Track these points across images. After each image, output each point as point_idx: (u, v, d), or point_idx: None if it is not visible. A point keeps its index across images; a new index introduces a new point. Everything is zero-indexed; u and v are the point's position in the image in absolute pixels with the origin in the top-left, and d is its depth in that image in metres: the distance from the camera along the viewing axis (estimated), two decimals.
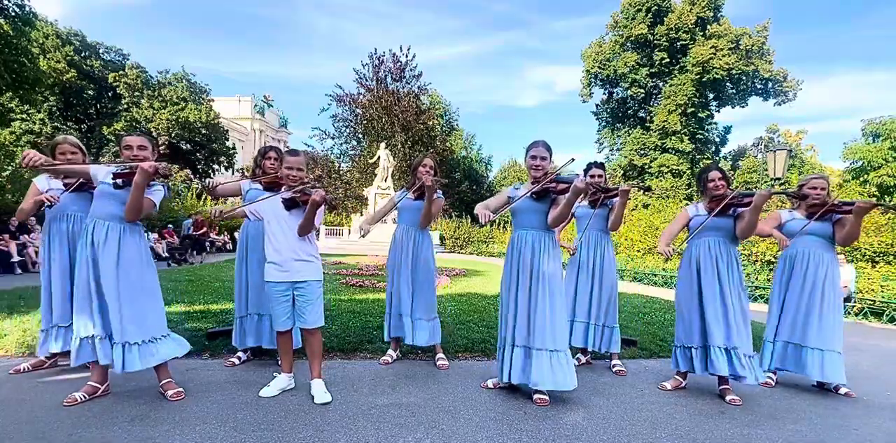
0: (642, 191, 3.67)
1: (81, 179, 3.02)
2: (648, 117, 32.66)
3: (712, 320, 3.06)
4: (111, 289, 2.54)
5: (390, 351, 3.62)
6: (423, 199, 3.43)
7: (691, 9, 30.19)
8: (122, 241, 2.62)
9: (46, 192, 3.03)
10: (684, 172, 30.12)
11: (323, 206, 2.70)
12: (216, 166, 33.74)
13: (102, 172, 2.66)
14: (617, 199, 3.47)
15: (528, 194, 2.89)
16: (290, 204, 2.75)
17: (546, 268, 2.87)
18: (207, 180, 3.46)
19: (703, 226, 3.13)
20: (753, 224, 3.01)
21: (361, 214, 24.05)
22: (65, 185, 3.04)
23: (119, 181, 2.60)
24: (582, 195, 3.64)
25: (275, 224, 2.76)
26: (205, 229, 13.38)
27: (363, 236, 3.72)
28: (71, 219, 3.06)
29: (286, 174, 2.78)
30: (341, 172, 30.09)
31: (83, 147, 3.12)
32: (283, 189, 2.84)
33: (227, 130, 35.92)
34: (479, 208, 2.96)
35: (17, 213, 3.10)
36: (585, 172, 3.69)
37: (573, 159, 2.81)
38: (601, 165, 3.74)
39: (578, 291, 3.67)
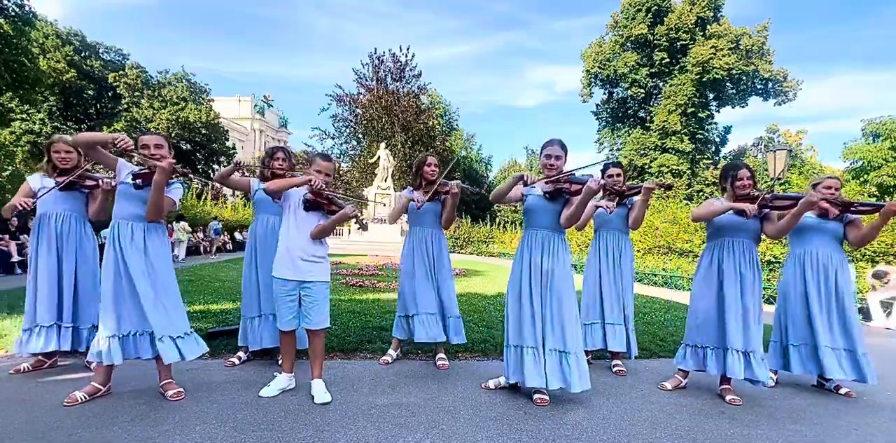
0: (665, 189, 3.63)
1: (72, 178, 3.01)
2: (648, 117, 32.65)
3: (732, 323, 3.00)
4: (144, 287, 2.59)
5: (390, 351, 3.62)
6: (435, 200, 3.47)
7: (691, 9, 30.18)
8: (147, 240, 2.66)
9: (38, 190, 3.03)
10: (684, 172, 30.10)
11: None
12: (216, 166, 33.72)
13: (125, 171, 2.68)
14: (637, 197, 3.45)
15: (542, 194, 2.88)
16: (309, 205, 2.76)
17: (555, 268, 2.86)
18: (242, 163, 3.58)
19: (729, 225, 3.10)
20: (789, 230, 3.02)
21: (361, 215, 24.04)
22: (56, 183, 3.01)
23: (139, 181, 2.62)
24: (599, 195, 3.66)
25: (290, 220, 2.78)
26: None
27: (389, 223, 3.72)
28: (60, 218, 3.06)
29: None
30: (341, 172, 30.09)
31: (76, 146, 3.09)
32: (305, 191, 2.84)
33: (227, 130, 35.92)
34: (512, 179, 2.89)
35: (2, 210, 3.05)
36: (603, 171, 3.66)
37: (608, 159, 2.80)
38: (619, 165, 3.69)
39: (603, 292, 3.61)
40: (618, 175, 3.60)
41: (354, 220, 2.76)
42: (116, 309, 2.58)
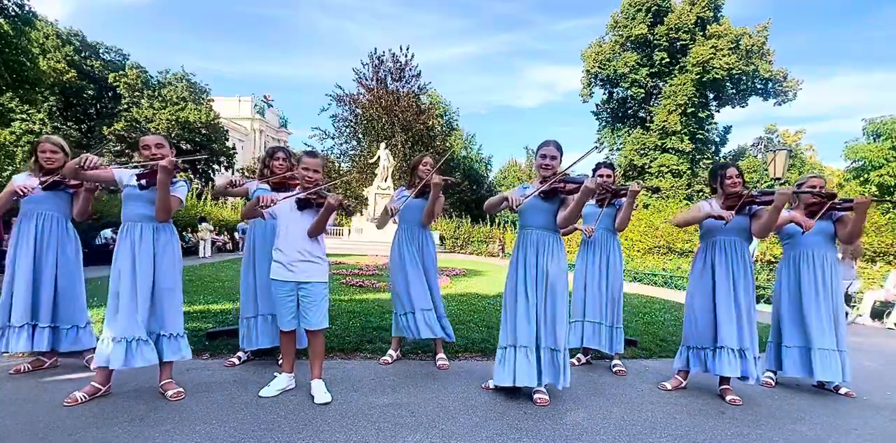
0: (651, 192, 3.65)
1: (56, 177, 2.99)
2: (648, 117, 32.64)
3: (724, 322, 3.03)
4: (148, 289, 2.62)
5: (390, 351, 3.62)
6: (423, 197, 3.45)
7: (691, 9, 30.17)
8: (156, 240, 2.69)
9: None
10: (684, 172, 30.10)
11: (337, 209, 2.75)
12: (216, 166, 33.75)
13: (126, 175, 2.70)
14: (625, 198, 3.47)
15: (537, 194, 2.85)
16: (303, 205, 2.77)
17: (550, 268, 2.86)
18: (235, 177, 3.61)
19: (717, 226, 3.12)
20: (772, 225, 3.01)
21: (361, 215, 24.05)
22: (40, 182, 2.97)
23: (143, 182, 2.64)
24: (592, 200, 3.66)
25: (285, 223, 2.78)
26: None
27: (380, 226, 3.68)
28: (42, 217, 3.03)
29: (302, 175, 2.80)
30: (341, 172, 30.07)
31: (65, 147, 3.08)
32: (296, 189, 2.86)
33: (227, 130, 35.93)
34: (499, 198, 2.93)
35: None
36: (594, 171, 3.69)
37: (596, 147, 2.78)
38: (610, 165, 3.74)
39: (588, 291, 3.64)
40: (608, 176, 3.64)
41: (341, 208, 2.74)
42: (122, 312, 2.58)
